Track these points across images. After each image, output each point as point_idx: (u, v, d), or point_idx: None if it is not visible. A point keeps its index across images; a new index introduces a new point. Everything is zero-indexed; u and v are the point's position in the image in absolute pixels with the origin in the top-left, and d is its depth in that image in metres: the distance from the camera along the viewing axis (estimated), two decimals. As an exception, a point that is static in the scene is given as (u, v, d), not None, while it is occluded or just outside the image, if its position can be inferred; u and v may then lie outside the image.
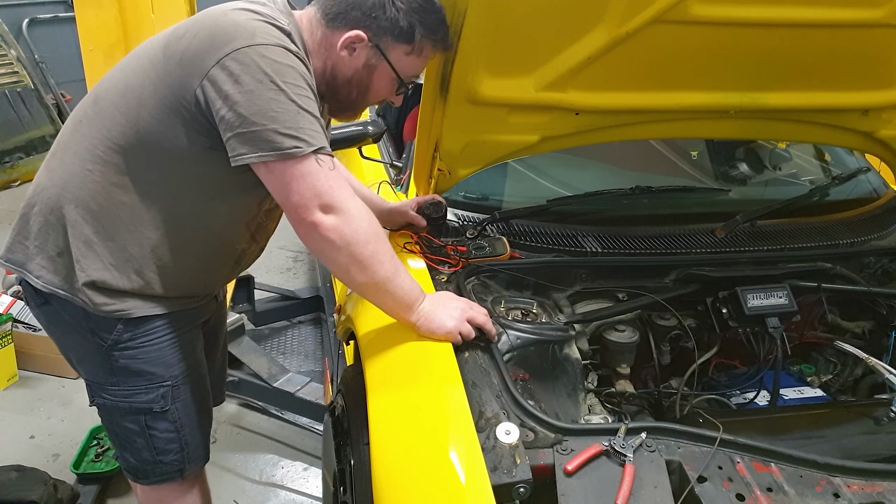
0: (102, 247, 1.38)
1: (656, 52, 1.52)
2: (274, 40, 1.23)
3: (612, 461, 1.09)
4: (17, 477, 2.26)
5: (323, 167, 1.23)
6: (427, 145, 1.64)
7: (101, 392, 1.51)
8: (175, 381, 1.52)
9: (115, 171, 1.35)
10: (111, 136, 1.34)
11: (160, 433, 1.53)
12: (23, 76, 5.46)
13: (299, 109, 1.22)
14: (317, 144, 1.23)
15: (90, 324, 1.43)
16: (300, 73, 1.24)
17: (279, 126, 1.20)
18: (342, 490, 1.43)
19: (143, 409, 1.50)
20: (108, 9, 3.12)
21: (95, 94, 1.39)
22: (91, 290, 1.39)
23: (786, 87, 1.70)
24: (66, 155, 1.39)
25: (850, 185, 2.14)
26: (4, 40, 5.44)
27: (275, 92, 1.20)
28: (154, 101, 1.29)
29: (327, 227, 1.24)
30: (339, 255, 1.28)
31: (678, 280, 1.69)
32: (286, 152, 1.21)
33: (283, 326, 3.41)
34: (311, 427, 2.69)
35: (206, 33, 1.25)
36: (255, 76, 1.20)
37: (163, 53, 1.30)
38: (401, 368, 1.32)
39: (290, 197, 1.24)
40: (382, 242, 1.30)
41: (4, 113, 5.26)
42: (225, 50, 1.21)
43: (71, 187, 1.37)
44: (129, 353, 1.45)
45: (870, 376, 1.73)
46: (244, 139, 1.22)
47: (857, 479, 1.10)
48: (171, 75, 1.27)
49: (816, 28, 1.54)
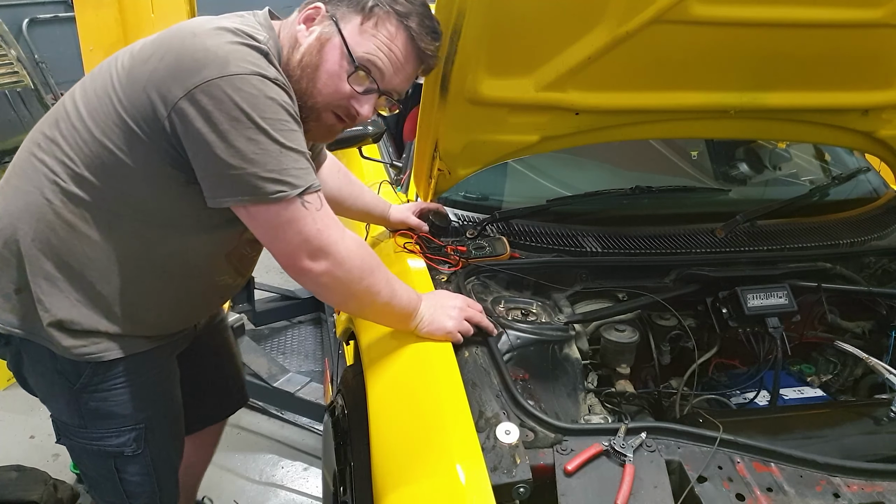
0: (66, 283, 1.25)
1: (656, 52, 1.52)
2: (249, 68, 1.09)
3: (612, 461, 1.09)
4: (17, 477, 2.25)
5: (310, 209, 1.14)
6: (427, 145, 1.64)
7: (67, 433, 1.41)
8: (149, 422, 1.41)
9: (76, 203, 1.21)
10: (72, 165, 1.20)
11: (131, 476, 1.43)
12: (23, 76, 5.45)
13: (282, 148, 1.11)
14: (302, 185, 1.13)
15: (56, 365, 1.31)
16: (281, 103, 1.12)
17: (260, 170, 1.09)
18: (342, 490, 1.43)
19: (114, 453, 1.39)
20: (108, 9, 3.12)
21: (55, 117, 1.25)
22: (57, 330, 1.26)
23: (786, 87, 1.70)
24: (22, 182, 1.25)
25: (850, 185, 2.14)
26: (4, 40, 5.43)
27: (254, 131, 1.08)
28: (119, 131, 1.17)
29: (318, 272, 1.18)
30: (333, 295, 1.26)
31: (678, 280, 1.69)
32: (270, 197, 1.11)
33: (283, 326, 3.41)
34: (311, 427, 2.69)
35: (173, 57, 1.11)
36: (231, 113, 1.07)
37: (127, 78, 1.17)
38: (401, 368, 1.32)
39: (276, 244, 1.18)
40: (376, 273, 1.24)
41: (4, 113, 5.24)
42: (194, 80, 1.08)
43: (27, 218, 1.23)
44: (99, 395, 1.34)
45: (870, 376, 1.73)
46: (221, 182, 1.12)
47: (857, 479, 1.10)
48: (135, 102, 1.14)
49: (816, 28, 1.54)
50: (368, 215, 1.81)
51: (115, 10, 3.12)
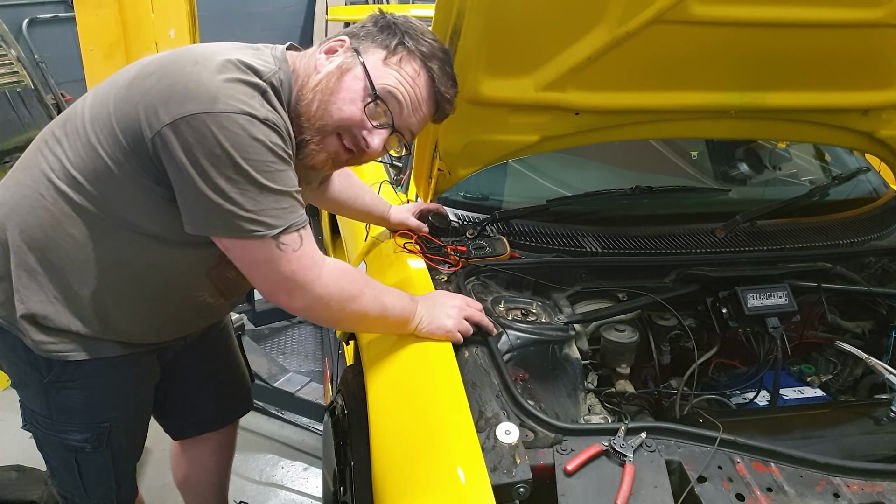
0: (45, 278, 1.26)
1: (656, 52, 1.52)
2: (237, 107, 1.08)
3: (612, 461, 1.09)
4: (17, 477, 2.26)
5: (285, 251, 1.14)
6: (427, 145, 1.64)
7: (33, 421, 1.43)
8: (114, 422, 1.42)
9: (66, 202, 1.23)
10: (69, 165, 1.22)
11: (90, 472, 1.45)
12: (23, 76, 5.44)
13: (261, 190, 1.11)
14: (280, 225, 1.13)
15: (28, 356, 1.32)
16: (267, 144, 1.10)
17: (237, 209, 1.10)
18: (342, 490, 1.43)
19: (75, 448, 1.41)
20: (108, 9, 3.13)
21: (66, 117, 1.27)
22: (29, 324, 1.28)
23: (786, 87, 1.70)
24: (24, 175, 1.28)
25: (850, 185, 2.14)
26: (4, 40, 5.43)
27: (234, 170, 1.08)
28: (111, 141, 1.17)
29: (297, 307, 1.21)
30: (319, 322, 1.30)
31: (678, 280, 1.69)
32: (244, 235, 1.12)
33: (283, 326, 3.41)
34: (311, 427, 2.69)
35: (168, 82, 1.11)
36: (213, 150, 1.07)
37: (126, 91, 1.17)
38: (401, 368, 1.32)
39: (253, 278, 1.20)
40: (359, 299, 1.24)
41: (4, 113, 5.24)
42: (180, 110, 1.08)
43: (20, 210, 1.25)
44: (66, 392, 1.35)
45: (870, 376, 1.73)
46: (198, 213, 1.14)
47: (857, 479, 1.10)
48: (126, 118, 1.15)
49: (816, 28, 1.54)
50: (368, 216, 1.81)
51: (115, 10, 3.13)
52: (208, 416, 1.82)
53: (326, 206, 1.79)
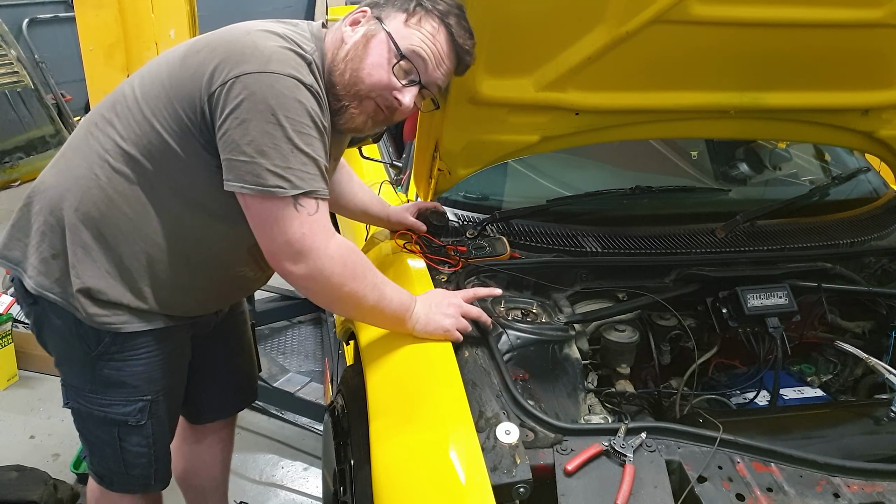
0: (100, 253, 1.34)
1: (656, 52, 1.52)
2: (288, 70, 1.18)
3: (612, 461, 1.09)
4: (17, 477, 2.26)
5: (301, 212, 1.19)
6: (427, 145, 1.64)
7: (76, 397, 1.48)
8: (156, 395, 1.48)
9: (122, 179, 1.32)
10: (123, 143, 1.31)
11: (132, 446, 1.50)
12: (23, 76, 5.45)
13: (293, 148, 1.17)
14: (303, 187, 1.19)
15: (79, 330, 1.39)
16: (308, 109, 1.19)
17: (267, 162, 1.17)
18: (342, 490, 1.43)
19: (118, 421, 1.46)
20: (108, 9, 3.13)
21: (114, 99, 1.36)
22: (85, 297, 1.35)
23: (786, 87, 1.70)
24: (76, 157, 1.36)
25: (850, 185, 2.14)
26: (4, 40, 5.44)
27: (273, 126, 1.16)
28: (167, 114, 1.26)
29: (298, 275, 1.24)
30: (316, 297, 1.32)
31: (678, 280, 1.69)
32: (267, 189, 1.17)
33: (283, 326, 3.41)
34: (311, 427, 2.69)
35: (223, 49, 1.21)
36: (257, 105, 1.16)
37: (180, 66, 1.27)
38: (401, 368, 1.32)
39: (262, 239, 1.25)
40: (360, 279, 1.27)
41: (4, 113, 5.25)
42: (235, 71, 1.17)
43: (75, 190, 1.33)
44: (114, 364, 1.42)
45: (870, 376, 1.73)
46: (231, 165, 1.20)
47: (857, 479, 1.10)
48: (183, 88, 1.24)
49: (816, 28, 1.54)
50: (367, 215, 1.80)
51: (115, 10, 3.13)
52: (224, 402, 1.86)
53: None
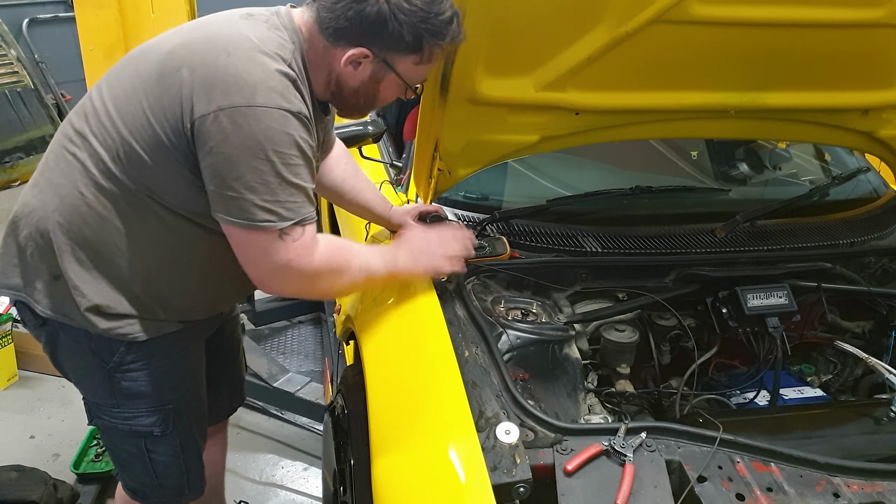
0: (98, 272, 1.33)
1: (656, 52, 1.52)
2: (275, 101, 1.16)
3: (612, 461, 1.10)
4: (17, 477, 2.26)
5: (286, 241, 1.21)
6: (427, 145, 1.64)
7: (99, 413, 1.47)
8: (177, 403, 1.47)
9: (109, 196, 1.28)
10: (105, 161, 1.27)
11: (160, 457, 1.50)
12: (23, 76, 5.46)
13: (281, 181, 1.18)
14: (291, 218, 1.20)
15: (91, 345, 1.38)
16: (296, 139, 1.19)
17: (256, 198, 1.17)
18: (342, 490, 1.44)
19: (143, 433, 1.46)
20: (108, 9, 3.13)
21: (83, 111, 1.31)
22: (94, 314, 1.34)
23: (786, 87, 1.70)
24: (56, 176, 1.32)
25: (850, 185, 2.14)
26: (4, 40, 5.44)
27: (261, 161, 1.16)
28: (146, 135, 1.23)
29: (289, 292, 1.33)
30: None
31: (678, 280, 1.69)
32: (254, 224, 1.19)
33: (283, 326, 3.40)
34: (311, 427, 2.69)
35: (204, 73, 1.17)
36: (245, 141, 1.15)
37: (157, 83, 1.22)
38: (401, 368, 1.32)
39: (247, 266, 1.27)
40: (346, 270, 1.32)
41: (4, 113, 5.26)
42: (221, 102, 1.15)
43: (62, 210, 1.30)
44: (131, 374, 1.41)
45: (870, 376, 1.73)
46: (219, 198, 1.20)
47: (857, 479, 1.10)
48: (162, 109, 1.21)
49: (816, 28, 1.53)
50: (369, 212, 1.80)
51: (115, 10, 3.13)
52: (221, 406, 1.85)
53: (327, 194, 1.79)
